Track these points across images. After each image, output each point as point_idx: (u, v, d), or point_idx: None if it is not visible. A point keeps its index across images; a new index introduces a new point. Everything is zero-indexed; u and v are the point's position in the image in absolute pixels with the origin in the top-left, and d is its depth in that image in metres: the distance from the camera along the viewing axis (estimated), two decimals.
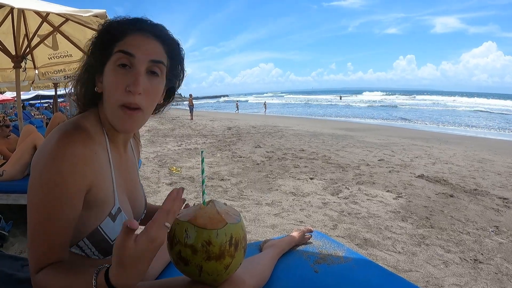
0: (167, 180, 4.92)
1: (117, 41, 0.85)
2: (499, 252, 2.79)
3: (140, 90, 0.83)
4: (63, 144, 0.78)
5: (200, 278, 0.84)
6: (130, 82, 0.82)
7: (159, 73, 0.88)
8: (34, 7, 2.94)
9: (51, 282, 0.76)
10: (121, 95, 0.83)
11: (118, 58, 0.84)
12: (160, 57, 0.88)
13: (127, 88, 0.83)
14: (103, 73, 0.87)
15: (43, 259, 0.79)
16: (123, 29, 0.87)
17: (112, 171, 0.92)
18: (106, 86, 0.86)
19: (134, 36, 0.86)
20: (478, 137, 13.90)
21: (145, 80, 0.85)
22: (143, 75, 0.84)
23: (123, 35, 0.86)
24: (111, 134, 0.94)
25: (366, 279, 1.30)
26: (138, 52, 0.84)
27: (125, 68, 0.84)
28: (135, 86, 0.82)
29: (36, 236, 0.79)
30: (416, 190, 4.52)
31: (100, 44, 0.88)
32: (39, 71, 5.61)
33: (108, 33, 0.87)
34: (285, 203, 3.95)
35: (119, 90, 0.83)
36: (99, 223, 0.87)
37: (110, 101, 0.85)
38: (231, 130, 13.01)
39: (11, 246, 2.75)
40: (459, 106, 43.13)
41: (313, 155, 7.13)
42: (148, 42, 0.87)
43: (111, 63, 0.85)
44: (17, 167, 3.07)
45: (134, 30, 0.86)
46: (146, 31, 0.87)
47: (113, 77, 0.84)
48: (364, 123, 21.05)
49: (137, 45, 0.85)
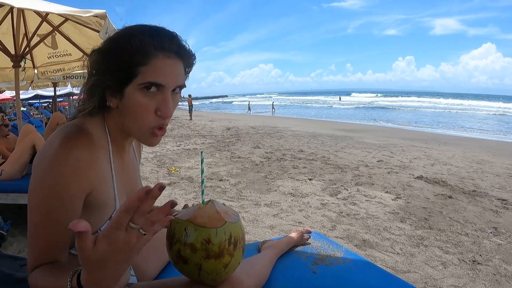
0: (166, 180, 4.92)
1: (141, 65, 0.80)
2: (498, 253, 2.79)
3: (171, 114, 0.86)
4: (66, 148, 0.78)
5: (199, 278, 0.85)
6: (161, 107, 0.84)
7: (181, 89, 0.90)
8: (34, 6, 2.93)
9: (38, 281, 0.77)
10: (152, 119, 0.85)
11: (147, 86, 0.82)
12: (183, 80, 0.89)
13: (158, 112, 0.84)
14: (123, 93, 0.83)
15: (39, 259, 0.79)
16: (146, 49, 0.81)
17: (113, 175, 0.92)
18: (131, 108, 0.84)
19: (161, 61, 0.82)
20: (477, 138, 13.91)
21: (172, 102, 0.86)
22: (171, 98, 0.86)
23: (148, 58, 0.81)
24: (117, 140, 0.94)
25: (365, 280, 1.30)
26: (167, 82, 0.83)
27: (151, 92, 0.83)
28: (166, 112, 0.84)
29: (35, 236, 0.79)
30: (415, 191, 4.53)
31: (117, 64, 0.82)
32: (38, 71, 5.60)
33: (128, 53, 0.81)
34: (284, 203, 3.95)
35: (150, 114, 0.84)
36: (100, 227, 0.87)
37: (139, 123, 0.86)
38: (230, 130, 13.02)
39: (10, 245, 2.74)
40: (445, 108, 43.15)
41: (312, 156, 7.14)
42: (175, 66, 0.85)
43: (135, 86, 0.82)
44: (16, 166, 3.07)
45: (158, 51, 0.82)
46: (170, 51, 0.84)
47: (141, 100, 0.83)
48: (364, 124, 21.06)
49: (165, 73, 0.82)
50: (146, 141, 0.89)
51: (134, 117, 0.85)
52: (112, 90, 0.84)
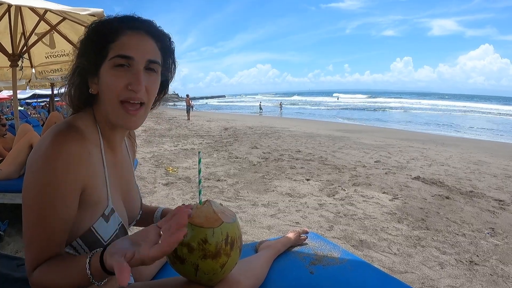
0: (163, 180, 4.91)
1: (110, 42, 0.85)
2: (495, 254, 2.80)
3: (143, 88, 0.85)
4: (57, 144, 0.78)
5: (196, 278, 0.85)
6: (132, 81, 0.84)
7: (156, 70, 0.90)
8: (31, 4, 2.93)
9: (46, 277, 0.77)
10: (122, 91, 0.85)
11: (115, 61, 0.84)
12: (156, 56, 0.90)
13: (129, 86, 0.84)
14: (99, 74, 0.87)
15: (39, 257, 0.79)
16: (115, 28, 0.86)
17: (106, 171, 0.92)
18: (104, 87, 0.86)
19: (128, 36, 0.86)
20: (474, 139, 13.95)
21: (145, 77, 0.86)
22: (143, 72, 0.86)
23: (116, 35, 0.85)
24: (107, 134, 0.94)
25: (362, 281, 1.30)
26: (136, 54, 0.85)
27: (123, 68, 0.84)
28: (137, 85, 0.84)
29: (32, 235, 0.79)
30: (412, 191, 4.54)
31: (91, 46, 0.87)
32: (36, 70, 5.58)
33: (100, 34, 0.86)
34: (281, 204, 3.95)
35: (119, 88, 0.84)
36: (92, 224, 0.87)
37: (110, 99, 0.86)
38: (227, 130, 13.01)
39: (7, 245, 2.73)
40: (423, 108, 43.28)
41: (309, 156, 7.15)
42: (143, 41, 0.87)
43: (107, 65, 0.85)
44: (13, 166, 3.06)
45: (126, 29, 0.86)
46: (139, 29, 0.87)
47: (112, 77, 0.84)
48: (362, 124, 21.09)
49: (133, 46, 0.85)
50: (121, 120, 0.88)
51: (107, 95, 0.86)
52: (90, 73, 0.87)
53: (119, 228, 0.93)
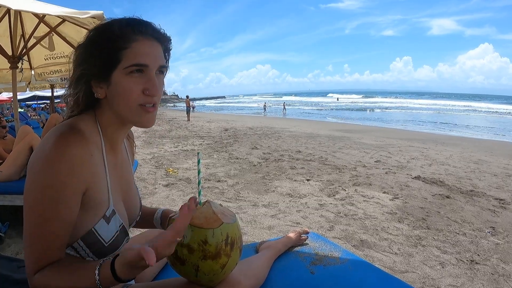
0: (163, 181, 4.91)
1: (122, 49, 0.85)
2: (496, 253, 2.80)
3: (159, 93, 0.89)
4: (60, 146, 0.78)
5: (196, 279, 0.85)
6: (148, 86, 0.87)
7: (163, 72, 0.94)
8: (31, 8, 2.92)
9: (50, 281, 0.77)
10: (139, 97, 0.87)
11: (132, 69, 0.86)
12: (164, 60, 0.93)
13: (146, 92, 0.87)
14: (110, 80, 0.87)
15: (40, 260, 0.79)
16: (126, 35, 0.86)
17: (107, 172, 0.92)
18: (120, 92, 0.87)
19: (140, 43, 0.87)
20: (475, 138, 13.95)
21: (158, 82, 0.89)
22: (156, 78, 0.89)
23: (128, 42, 0.85)
24: (108, 135, 0.94)
25: (362, 280, 1.30)
26: (150, 61, 0.87)
27: (138, 73, 0.86)
28: (155, 91, 0.87)
29: (33, 237, 0.79)
30: (412, 191, 4.53)
31: (100, 52, 0.86)
32: (35, 72, 5.59)
33: (109, 40, 0.86)
34: (282, 204, 3.95)
35: (137, 93, 0.86)
36: (93, 225, 0.87)
37: (127, 104, 0.87)
38: (228, 131, 13.01)
39: (7, 247, 2.73)
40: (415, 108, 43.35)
41: (309, 157, 7.14)
42: (153, 46, 0.89)
43: (122, 71, 0.85)
44: (13, 168, 3.06)
45: (136, 35, 0.87)
46: (147, 34, 0.89)
47: (129, 83, 0.86)
48: (362, 124, 21.08)
49: (146, 53, 0.87)
50: (140, 119, 0.90)
51: (123, 100, 0.87)
52: (98, 78, 0.87)
53: (119, 229, 0.93)
